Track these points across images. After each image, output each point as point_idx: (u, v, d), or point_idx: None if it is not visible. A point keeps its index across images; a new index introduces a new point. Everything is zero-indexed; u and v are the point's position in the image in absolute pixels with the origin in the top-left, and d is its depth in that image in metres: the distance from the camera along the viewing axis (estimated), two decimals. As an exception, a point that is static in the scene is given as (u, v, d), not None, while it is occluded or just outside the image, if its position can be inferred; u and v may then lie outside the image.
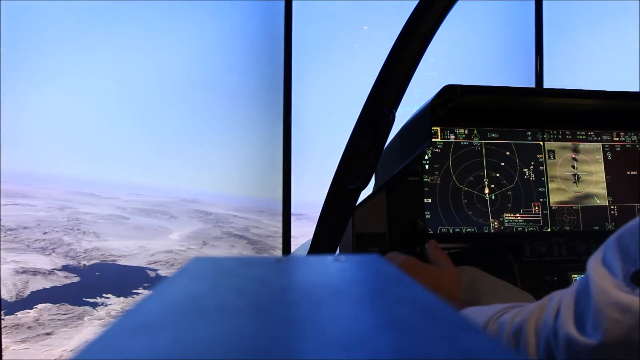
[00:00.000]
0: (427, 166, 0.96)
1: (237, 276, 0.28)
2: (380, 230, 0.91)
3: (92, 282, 2.51)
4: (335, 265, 0.32)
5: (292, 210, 2.60)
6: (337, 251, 0.86)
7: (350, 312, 0.22)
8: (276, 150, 2.60)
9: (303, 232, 2.63)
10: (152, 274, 2.63)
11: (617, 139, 1.06)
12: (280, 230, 2.61)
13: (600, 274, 0.37)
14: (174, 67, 2.59)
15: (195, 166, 2.66)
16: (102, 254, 2.56)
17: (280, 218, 2.61)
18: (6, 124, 2.31)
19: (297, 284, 0.28)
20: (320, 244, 0.82)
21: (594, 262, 0.39)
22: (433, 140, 0.97)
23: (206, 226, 2.79)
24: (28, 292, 2.42)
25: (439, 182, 0.96)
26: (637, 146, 1.06)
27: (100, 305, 2.50)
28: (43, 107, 2.44)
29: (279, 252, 2.67)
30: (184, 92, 2.61)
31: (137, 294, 2.59)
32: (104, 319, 2.49)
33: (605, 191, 1.04)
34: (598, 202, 1.03)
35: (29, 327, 2.36)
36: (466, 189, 0.98)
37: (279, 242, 2.67)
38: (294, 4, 2.59)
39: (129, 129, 2.57)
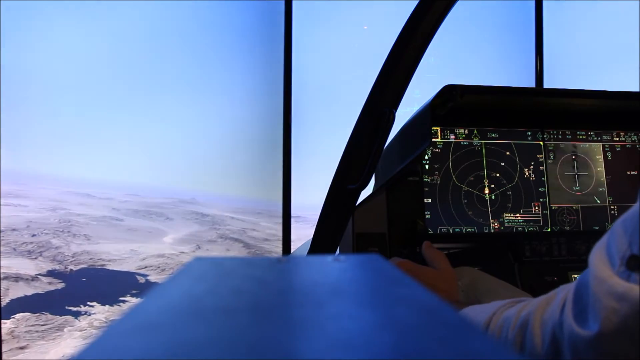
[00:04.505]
0: (427, 166, 0.96)
1: (238, 276, 0.28)
2: (380, 230, 0.91)
3: (77, 288, 2.37)
4: (335, 265, 0.32)
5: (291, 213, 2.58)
6: (337, 251, 0.86)
7: (350, 312, 0.22)
8: (275, 151, 2.60)
9: (300, 235, 2.57)
10: (142, 280, 2.52)
11: (617, 139, 1.06)
12: (278, 233, 2.59)
13: (600, 263, 0.37)
14: (173, 67, 2.59)
15: (193, 166, 2.64)
16: (91, 258, 2.44)
17: (277, 220, 2.58)
18: (4, 123, 2.29)
19: (297, 284, 0.28)
20: (320, 243, 0.82)
21: (596, 250, 0.38)
22: (433, 140, 0.97)
23: (201, 228, 2.71)
24: (7, 301, 2.26)
25: (439, 182, 0.96)
26: (637, 146, 1.06)
27: (83, 314, 2.36)
28: (42, 105, 2.42)
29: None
30: (183, 92, 2.61)
31: (123, 301, 2.46)
32: (85, 330, 2.34)
33: (605, 191, 1.04)
34: (598, 202, 1.03)
35: (2, 341, 2.20)
36: (466, 188, 0.98)
37: (275, 246, 2.63)
38: (294, 4, 2.60)
39: (128, 128, 2.56)
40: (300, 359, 0.16)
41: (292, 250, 2.58)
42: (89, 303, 2.40)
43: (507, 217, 0.98)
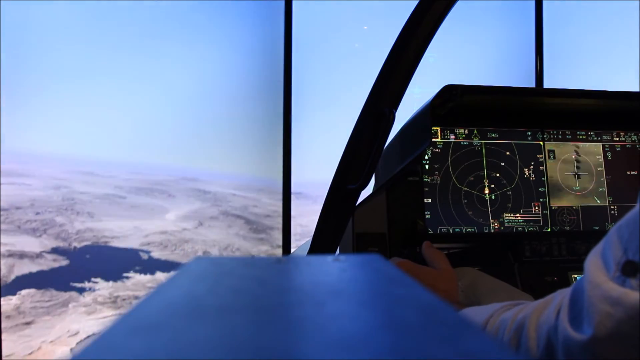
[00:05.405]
0: (427, 166, 0.96)
1: (238, 276, 0.28)
2: (380, 230, 0.91)
3: (81, 265, 2.41)
4: (335, 265, 0.32)
5: (292, 189, 2.59)
6: (337, 251, 0.86)
7: (350, 312, 0.22)
8: (276, 129, 2.60)
9: (301, 212, 2.59)
10: (145, 256, 2.53)
11: (617, 139, 1.06)
12: (279, 210, 2.59)
13: (595, 268, 0.37)
14: (174, 59, 2.61)
15: (196, 144, 2.65)
16: (94, 235, 2.46)
17: (279, 197, 2.58)
18: (7, 103, 2.29)
19: (297, 284, 0.28)
20: (320, 244, 0.82)
21: (592, 256, 0.39)
22: (433, 140, 0.97)
23: (204, 205, 2.72)
24: (12, 277, 2.30)
25: (439, 182, 0.96)
26: (637, 146, 1.06)
27: (87, 290, 2.39)
28: (45, 85, 2.42)
29: (276, 234, 2.64)
30: (184, 82, 2.62)
31: (127, 277, 2.49)
32: (89, 305, 2.37)
33: (605, 191, 1.04)
34: (598, 202, 1.03)
35: (8, 316, 2.24)
36: (466, 189, 0.98)
37: (277, 222, 2.63)
38: (294, 4, 2.60)
39: (131, 107, 2.56)
40: (300, 359, 0.16)
41: (292, 251, 2.59)
42: (93, 279, 2.43)
43: (507, 217, 0.98)
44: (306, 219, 2.73)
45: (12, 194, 2.38)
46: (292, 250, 2.59)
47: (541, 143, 1.03)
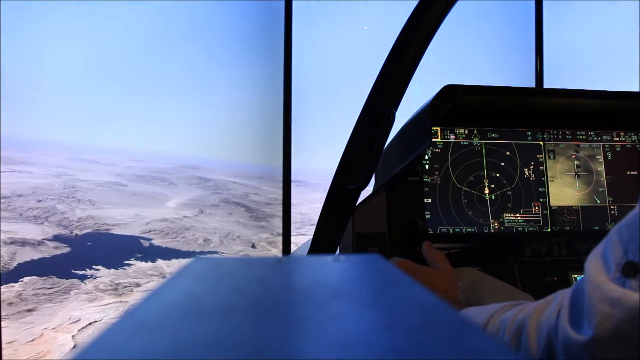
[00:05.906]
0: (427, 166, 0.96)
1: (237, 276, 0.28)
2: (380, 230, 0.91)
3: (82, 252, 2.42)
4: (335, 265, 0.32)
5: (292, 177, 2.60)
6: (337, 251, 0.86)
7: (350, 312, 0.22)
8: (277, 118, 2.61)
9: (301, 199, 2.59)
10: (146, 244, 2.55)
11: (617, 139, 1.06)
12: (279, 197, 2.60)
13: (595, 268, 0.37)
14: (176, 45, 2.62)
15: (197, 132, 2.66)
16: (95, 223, 2.48)
17: (279, 184, 2.59)
18: (8, 90, 2.28)
19: (297, 284, 0.28)
20: (320, 244, 0.82)
21: (592, 257, 0.39)
22: (433, 140, 0.97)
23: (204, 193, 2.74)
24: (14, 265, 2.32)
25: (439, 182, 0.96)
26: (637, 146, 1.06)
27: (88, 277, 2.41)
28: (46, 72, 2.43)
29: (277, 221, 2.64)
30: (186, 61, 2.63)
31: (128, 265, 2.50)
32: (91, 292, 2.39)
33: (605, 191, 1.04)
34: (598, 202, 1.03)
35: (10, 303, 2.25)
36: (466, 189, 0.98)
37: (277, 210, 2.63)
38: (294, 4, 2.60)
39: (132, 96, 2.57)
40: (300, 359, 0.16)
41: (292, 238, 2.60)
42: (94, 266, 2.45)
43: (507, 217, 0.98)
44: (306, 207, 2.74)
45: (13, 181, 2.39)
46: (292, 238, 2.60)
47: (541, 143, 1.03)
